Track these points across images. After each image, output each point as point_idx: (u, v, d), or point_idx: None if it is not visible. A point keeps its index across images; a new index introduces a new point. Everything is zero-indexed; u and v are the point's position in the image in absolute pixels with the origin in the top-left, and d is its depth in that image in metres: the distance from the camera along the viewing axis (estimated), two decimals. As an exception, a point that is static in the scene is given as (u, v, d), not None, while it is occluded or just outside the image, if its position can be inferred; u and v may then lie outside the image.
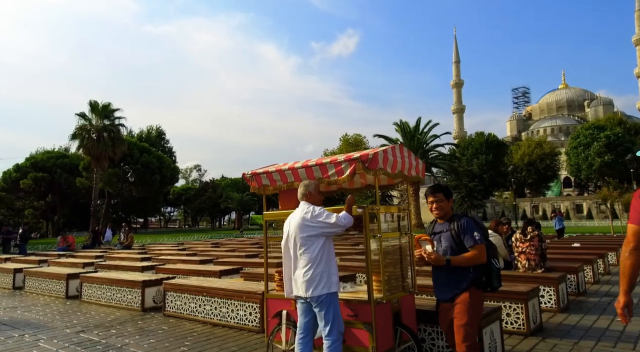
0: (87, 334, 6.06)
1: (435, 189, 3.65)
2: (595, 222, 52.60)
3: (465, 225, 3.43)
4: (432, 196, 3.62)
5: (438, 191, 3.63)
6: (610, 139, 59.64)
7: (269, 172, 4.52)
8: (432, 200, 3.62)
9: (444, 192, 3.63)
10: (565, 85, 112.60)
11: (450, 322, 3.41)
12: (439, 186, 3.70)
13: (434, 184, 3.82)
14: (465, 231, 3.41)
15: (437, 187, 3.67)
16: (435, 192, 3.63)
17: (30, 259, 13.89)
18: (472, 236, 3.37)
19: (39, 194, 54.04)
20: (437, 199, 3.59)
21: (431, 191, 3.65)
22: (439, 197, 3.59)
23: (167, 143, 73.81)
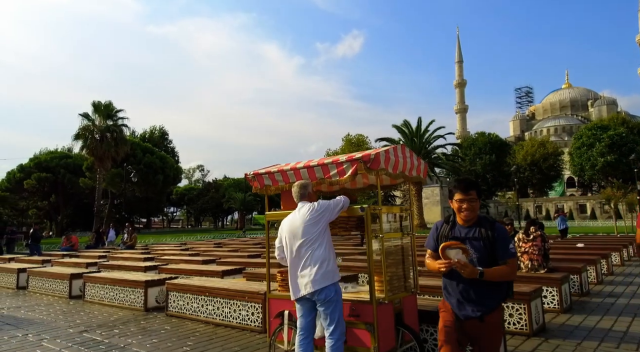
0: (90, 333, 6.09)
1: (467, 186, 2.89)
2: (599, 222, 52.38)
3: (501, 233, 2.83)
4: (464, 194, 2.86)
5: (471, 187, 2.88)
6: (614, 139, 59.40)
7: (271, 172, 4.53)
8: (463, 198, 2.86)
9: (477, 189, 2.90)
10: (568, 85, 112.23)
11: (472, 340, 2.91)
12: (471, 182, 2.94)
13: (464, 179, 2.99)
14: (501, 240, 2.80)
15: (469, 184, 2.91)
16: (467, 188, 2.87)
17: (34, 259, 13.95)
18: (509, 248, 2.79)
19: (43, 194, 54.26)
20: (470, 197, 2.86)
21: (462, 188, 2.88)
22: (472, 195, 2.86)
23: (170, 143, 73.97)
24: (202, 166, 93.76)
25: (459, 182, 2.91)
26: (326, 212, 3.70)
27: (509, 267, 2.75)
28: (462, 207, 2.86)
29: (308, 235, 3.63)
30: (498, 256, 2.77)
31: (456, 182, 2.94)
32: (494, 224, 2.85)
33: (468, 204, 2.84)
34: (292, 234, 3.72)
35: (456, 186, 2.90)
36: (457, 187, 2.89)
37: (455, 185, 2.93)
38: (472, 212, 2.86)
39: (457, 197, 2.88)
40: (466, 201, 2.85)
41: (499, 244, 2.78)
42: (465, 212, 2.86)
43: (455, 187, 2.91)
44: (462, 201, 2.86)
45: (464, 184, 2.88)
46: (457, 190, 2.88)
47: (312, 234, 3.63)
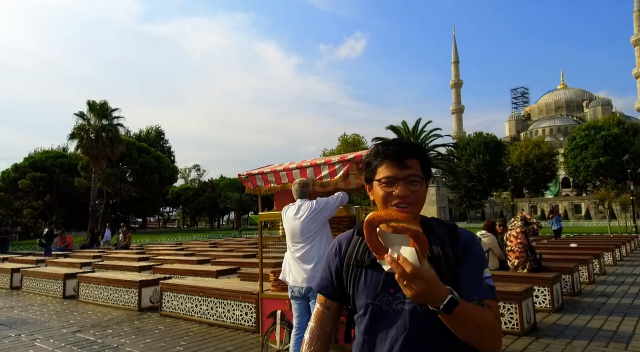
0: (84, 333, 6.09)
1: (402, 150, 1.32)
2: (593, 222, 52.70)
3: (472, 248, 1.35)
4: (396, 166, 1.30)
5: (409, 153, 1.32)
6: (607, 139, 59.75)
7: (264, 173, 4.56)
8: (394, 175, 1.30)
9: (421, 158, 1.35)
10: (564, 86, 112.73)
11: None
12: (410, 145, 1.36)
13: (396, 140, 1.39)
14: (473, 261, 1.32)
15: (406, 147, 1.33)
16: (402, 155, 1.31)
17: (28, 259, 13.90)
18: (483, 277, 1.29)
19: (38, 194, 53.97)
20: (407, 173, 1.30)
21: (392, 154, 1.32)
22: (411, 169, 1.31)
23: (165, 143, 73.74)
24: (198, 166, 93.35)
25: (386, 146, 1.34)
26: (324, 209, 3.75)
27: (492, 313, 1.22)
28: (393, 194, 1.28)
29: (306, 232, 3.68)
30: (464, 291, 1.24)
31: (380, 146, 1.36)
32: (456, 231, 1.36)
33: (403, 187, 1.27)
34: (291, 231, 3.77)
35: (380, 152, 1.34)
36: (382, 153, 1.33)
37: (377, 150, 1.36)
38: (412, 206, 1.28)
39: (383, 174, 1.31)
40: (400, 181, 1.28)
41: (467, 268, 1.29)
42: (398, 199, 1.27)
43: (379, 154, 1.34)
44: (390, 182, 1.29)
45: (396, 147, 1.32)
46: (381, 159, 1.33)
47: (310, 232, 3.68)
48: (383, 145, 1.33)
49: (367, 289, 1.30)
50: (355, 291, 1.34)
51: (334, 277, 1.41)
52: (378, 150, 1.33)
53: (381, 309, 1.28)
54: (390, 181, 1.27)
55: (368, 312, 1.30)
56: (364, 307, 1.31)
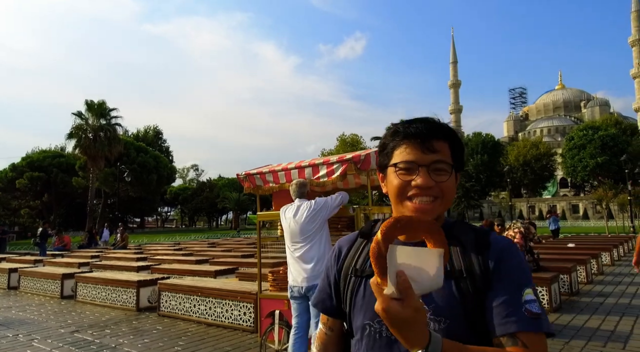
0: (82, 333, 6.07)
1: (431, 128, 1.02)
2: (591, 222, 52.83)
3: (510, 261, 0.98)
4: (419, 148, 1.00)
5: (438, 132, 1.02)
6: (605, 139, 59.90)
7: (262, 173, 4.55)
8: (415, 161, 0.99)
9: (451, 140, 1.04)
10: (562, 86, 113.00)
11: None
12: (439, 123, 1.05)
13: (422, 117, 1.07)
14: (511, 277, 0.95)
15: (433, 125, 1.03)
16: (431, 134, 1.01)
17: (26, 259, 13.86)
18: (523, 301, 0.92)
19: (35, 193, 53.82)
20: (433, 159, 0.99)
21: (417, 131, 1.01)
22: (438, 153, 1.00)
23: (164, 143, 73.66)
24: (196, 166, 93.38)
25: (407, 123, 1.06)
26: (323, 209, 3.75)
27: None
28: (412, 184, 1.00)
29: (305, 232, 3.69)
30: (495, 321, 0.92)
31: (401, 124, 1.07)
32: (486, 239, 1.03)
33: (426, 176, 0.99)
34: (290, 231, 3.77)
35: (399, 131, 1.05)
36: (402, 132, 1.05)
37: (396, 129, 1.07)
38: (435, 201, 1.00)
39: (401, 158, 1.02)
40: (423, 167, 0.99)
41: (499, 289, 0.95)
42: (420, 198, 0.99)
43: (397, 134, 1.05)
44: (410, 168, 1.01)
45: (421, 125, 1.03)
46: (400, 139, 1.04)
47: (309, 231, 3.68)
48: (404, 123, 1.05)
49: (367, 306, 1.01)
50: (352, 307, 1.05)
51: (332, 289, 1.14)
52: (397, 128, 1.05)
53: (381, 334, 0.98)
54: (410, 166, 0.99)
55: (364, 337, 1.01)
56: (360, 330, 1.02)
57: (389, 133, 1.07)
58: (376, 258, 0.80)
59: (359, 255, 1.11)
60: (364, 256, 1.09)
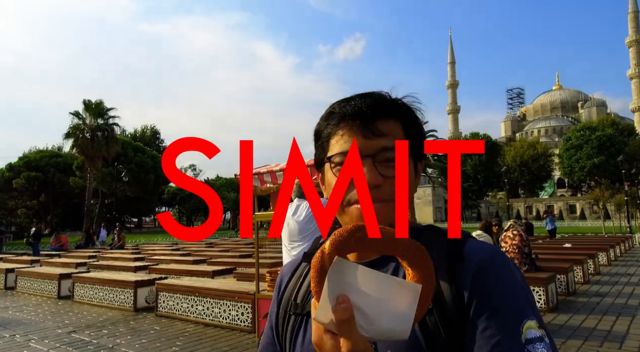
0: (79, 334, 6.06)
1: (375, 105, 0.74)
2: (588, 222, 53.00)
3: (489, 274, 0.68)
4: (362, 131, 0.73)
5: (386, 110, 0.75)
6: (602, 140, 60.14)
7: (260, 173, 4.56)
8: (358, 147, 0.70)
9: (404, 120, 0.76)
10: (559, 87, 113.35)
11: None
12: (386, 98, 0.77)
13: (366, 93, 0.78)
14: (493, 303, 0.65)
15: (378, 100, 0.75)
16: (376, 112, 0.74)
17: (22, 259, 13.83)
18: (527, 343, 0.61)
19: (32, 193, 53.68)
20: (384, 144, 0.72)
21: (356, 109, 0.74)
22: (389, 134, 0.73)
23: (161, 143, 73.59)
24: (194, 166, 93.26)
25: (345, 101, 0.77)
26: None
27: None
28: (366, 175, 0.70)
29: (304, 231, 3.70)
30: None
31: (337, 104, 0.78)
32: (460, 247, 0.72)
33: (372, 170, 0.71)
34: (289, 231, 3.78)
35: (334, 113, 0.77)
36: (338, 113, 0.76)
37: (331, 110, 0.78)
38: (387, 204, 0.71)
39: (338, 148, 0.75)
40: (367, 158, 0.71)
41: (485, 322, 0.64)
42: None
43: (332, 116, 0.77)
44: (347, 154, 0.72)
45: (361, 101, 0.75)
46: (335, 122, 0.76)
47: (308, 230, 3.69)
48: (341, 102, 0.78)
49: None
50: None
51: (274, 333, 0.85)
52: (332, 109, 0.77)
53: None
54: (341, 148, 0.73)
55: None
56: None
57: (323, 116, 0.79)
58: (316, 270, 0.55)
59: (299, 285, 0.83)
60: (307, 286, 0.80)
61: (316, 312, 0.54)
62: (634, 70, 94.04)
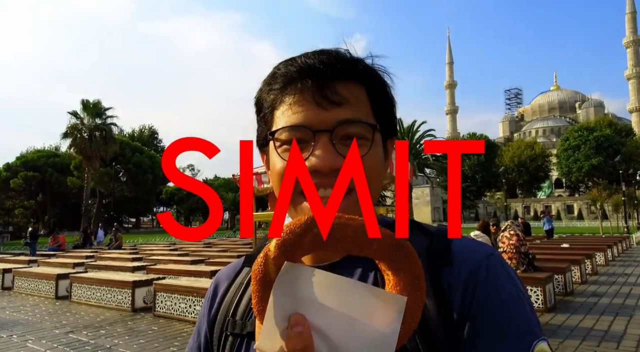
0: (76, 334, 6.05)
1: (330, 63, 0.58)
2: (585, 222, 53.14)
3: (492, 279, 0.55)
4: (313, 98, 0.57)
5: (344, 70, 0.58)
6: (599, 140, 60.33)
7: (258, 173, 4.56)
8: (308, 119, 0.57)
9: (368, 84, 0.60)
10: (557, 87, 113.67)
11: None
12: (343, 54, 0.60)
13: (320, 50, 0.60)
14: (501, 319, 0.52)
15: (334, 59, 0.58)
16: (332, 73, 0.57)
17: (20, 259, 13.78)
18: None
19: (30, 193, 53.58)
20: (343, 115, 0.57)
21: (305, 69, 0.58)
22: (349, 102, 0.57)
23: (159, 142, 73.59)
24: (192, 166, 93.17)
25: (293, 59, 0.60)
26: None
27: None
28: (308, 165, 0.55)
29: None
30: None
31: (282, 63, 0.61)
32: (447, 244, 0.59)
33: (326, 152, 0.56)
34: None
35: (278, 75, 0.60)
36: (282, 75, 0.60)
37: (275, 71, 0.62)
38: (350, 196, 0.55)
39: (284, 121, 0.58)
40: (322, 134, 0.56)
41: (487, 341, 0.51)
42: (320, 191, 0.55)
43: (275, 79, 0.61)
44: (300, 139, 0.57)
45: (312, 59, 0.58)
46: (280, 87, 0.60)
47: None
48: (288, 60, 0.61)
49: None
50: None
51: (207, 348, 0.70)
52: (276, 69, 0.61)
53: None
54: (298, 135, 0.57)
55: None
56: None
57: (265, 79, 0.62)
58: (258, 281, 0.42)
59: (239, 297, 0.67)
60: (249, 298, 0.63)
61: (259, 339, 0.39)
62: (631, 70, 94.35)
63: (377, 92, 0.61)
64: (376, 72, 0.62)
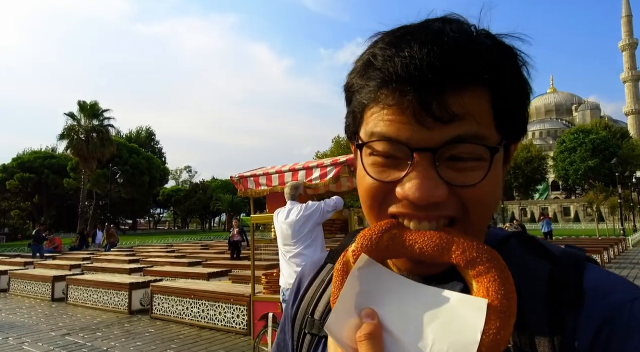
0: (73, 336, 6.02)
1: (447, 68, 0.42)
2: (582, 225, 53.33)
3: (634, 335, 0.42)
4: (427, 114, 0.43)
5: (463, 75, 0.43)
6: (596, 142, 60.65)
7: (256, 175, 4.56)
8: (408, 135, 0.44)
9: (494, 88, 0.45)
10: (553, 90, 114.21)
11: None
12: (464, 45, 0.43)
13: (428, 24, 0.48)
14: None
15: (453, 52, 0.43)
16: (446, 81, 0.42)
17: (16, 261, 13.73)
18: None
19: (26, 194, 53.34)
20: (454, 133, 0.43)
21: (410, 65, 0.42)
22: (466, 116, 0.43)
23: (156, 144, 73.45)
24: (189, 167, 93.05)
25: (393, 49, 0.45)
26: (315, 212, 3.74)
27: None
28: (398, 191, 0.45)
29: (297, 235, 3.69)
30: None
31: (380, 45, 0.46)
32: (578, 278, 0.47)
33: (423, 181, 0.43)
34: (282, 234, 3.78)
35: (372, 65, 0.46)
36: (382, 67, 0.45)
37: (371, 55, 0.47)
38: (453, 228, 0.45)
39: (379, 128, 0.46)
40: (422, 156, 0.44)
41: None
42: (413, 223, 0.45)
43: (369, 69, 0.47)
44: (391, 157, 0.46)
45: (421, 54, 0.43)
46: (375, 84, 0.46)
47: (301, 234, 3.69)
48: (389, 44, 0.46)
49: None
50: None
51: (290, 343, 0.66)
52: (372, 57, 0.47)
53: None
54: (390, 152, 0.46)
55: None
56: None
57: (358, 65, 0.49)
58: (340, 275, 0.43)
59: (320, 295, 0.63)
60: (329, 297, 0.58)
61: (330, 318, 0.39)
62: (627, 73, 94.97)
63: (505, 92, 0.45)
64: (506, 64, 0.46)
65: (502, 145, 0.47)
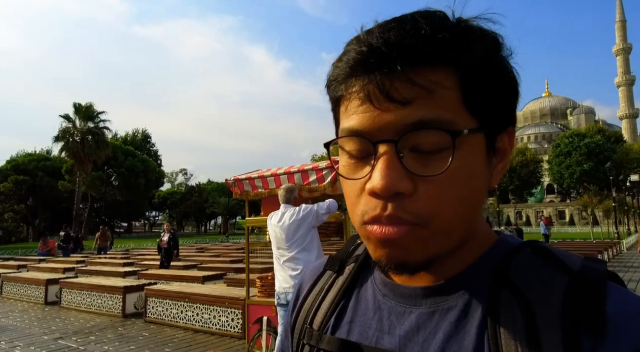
0: (66, 340, 5.97)
1: (408, 40, 0.41)
2: (577, 228, 53.58)
3: None
4: (379, 91, 0.41)
5: (425, 50, 0.41)
6: (590, 146, 61.09)
7: (251, 178, 4.55)
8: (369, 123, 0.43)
9: (461, 71, 0.42)
10: (548, 94, 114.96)
11: None
12: (425, 26, 0.41)
13: (398, 21, 0.43)
14: None
15: (414, 33, 0.41)
16: (410, 54, 0.41)
17: (9, 264, 13.62)
18: None
19: (20, 197, 52.97)
20: (414, 117, 0.41)
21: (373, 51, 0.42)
22: (427, 102, 0.41)
23: (152, 146, 73.22)
24: (185, 170, 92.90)
25: (367, 36, 0.44)
26: (309, 216, 3.72)
27: None
28: (367, 187, 0.43)
29: (291, 239, 3.67)
30: None
31: (355, 40, 0.45)
32: (600, 300, 0.40)
33: (384, 172, 0.41)
34: (276, 238, 3.76)
35: (347, 55, 0.45)
36: (348, 59, 0.44)
37: (348, 48, 0.45)
38: (416, 229, 0.42)
39: (348, 123, 0.45)
40: (386, 147, 0.42)
41: None
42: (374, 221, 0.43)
43: (342, 60, 0.45)
44: (357, 152, 0.45)
45: (391, 34, 0.42)
46: (346, 71, 0.44)
47: (294, 238, 3.67)
48: (359, 37, 0.45)
49: None
50: None
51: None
52: (346, 48, 0.46)
53: None
54: (356, 147, 0.45)
55: None
56: None
57: (338, 57, 0.47)
58: None
59: (319, 302, 0.59)
60: (330, 304, 0.57)
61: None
62: (621, 78, 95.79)
63: (476, 74, 0.43)
64: (477, 46, 0.43)
65: (481, 132, 0.44)
